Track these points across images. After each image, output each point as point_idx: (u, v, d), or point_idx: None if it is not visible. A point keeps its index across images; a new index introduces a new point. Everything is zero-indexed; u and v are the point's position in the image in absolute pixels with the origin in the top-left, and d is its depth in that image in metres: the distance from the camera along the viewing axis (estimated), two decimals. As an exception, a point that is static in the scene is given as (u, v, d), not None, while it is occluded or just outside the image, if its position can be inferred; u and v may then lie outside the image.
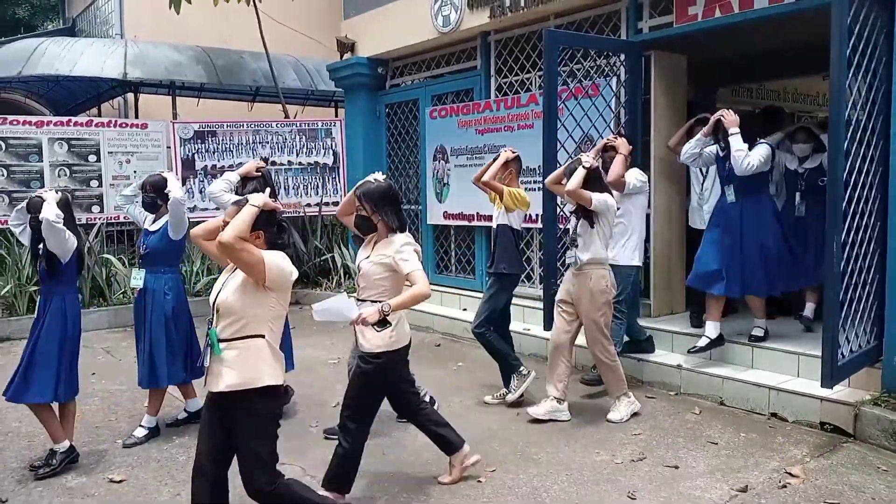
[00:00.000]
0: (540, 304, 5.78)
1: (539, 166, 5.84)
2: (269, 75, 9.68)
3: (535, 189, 6.32)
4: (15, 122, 8.24)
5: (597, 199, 4.40)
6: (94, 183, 8.48)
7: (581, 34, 6.32)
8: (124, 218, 8.58)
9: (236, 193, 4.36)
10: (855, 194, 4.22)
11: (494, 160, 4.97)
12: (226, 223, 2.79)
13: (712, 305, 5.11)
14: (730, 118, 4.97)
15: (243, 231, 2.74)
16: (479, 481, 3.79)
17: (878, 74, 4.41)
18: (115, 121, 9.16)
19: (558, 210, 5.60)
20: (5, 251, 7.85)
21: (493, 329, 4.99)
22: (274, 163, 9.07)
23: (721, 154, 5.14)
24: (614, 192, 4.74)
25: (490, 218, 5.20)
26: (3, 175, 8.06)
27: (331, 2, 10.33)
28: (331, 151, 9.38)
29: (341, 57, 8.92)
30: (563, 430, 4.52)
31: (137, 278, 4.49)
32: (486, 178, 4.91)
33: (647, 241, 5.54)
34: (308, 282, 8.98)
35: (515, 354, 5.14)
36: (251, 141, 9.33)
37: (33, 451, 4.24)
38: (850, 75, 4.08)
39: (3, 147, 8.06)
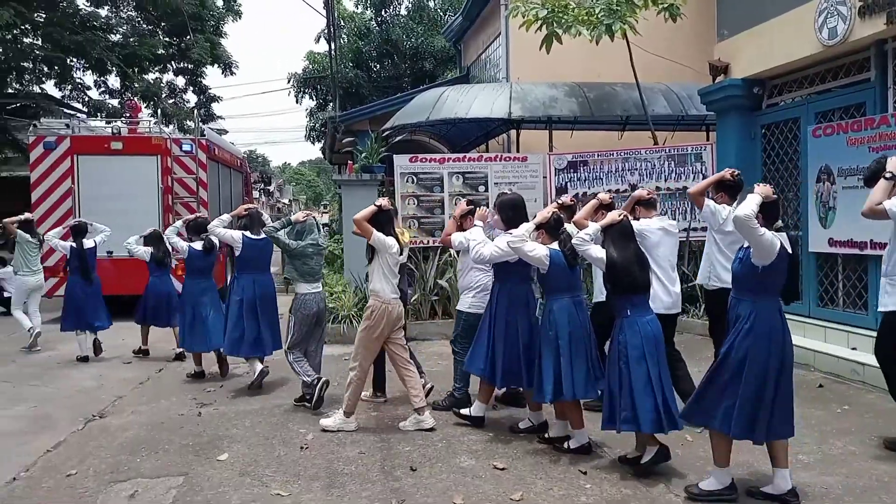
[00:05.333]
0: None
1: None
2: (639, 104, 9.94)
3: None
4: (423, 160, 9.86)
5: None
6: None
7: None
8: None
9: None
10: None
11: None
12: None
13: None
14: None
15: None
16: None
17: None
18: (500, 155, 10.34)
19: None
20: (413, 265, 9.37)
21: None
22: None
23: None
24: None
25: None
26: (414, 203, 9.67)
27: (701, 27, 10.22)
28: (700, 176, 9.20)
29: (713, 80, 8.78)
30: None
31: None
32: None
33: None
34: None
35: None
36: (620, 168, 9.69)
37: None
38: None
39: (415, 180, 9.68)
